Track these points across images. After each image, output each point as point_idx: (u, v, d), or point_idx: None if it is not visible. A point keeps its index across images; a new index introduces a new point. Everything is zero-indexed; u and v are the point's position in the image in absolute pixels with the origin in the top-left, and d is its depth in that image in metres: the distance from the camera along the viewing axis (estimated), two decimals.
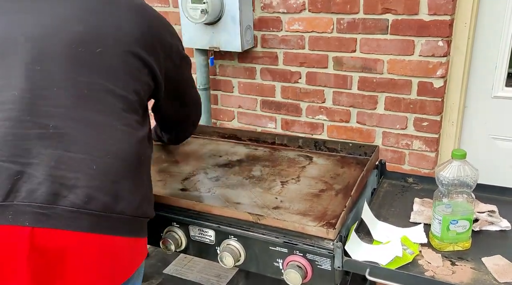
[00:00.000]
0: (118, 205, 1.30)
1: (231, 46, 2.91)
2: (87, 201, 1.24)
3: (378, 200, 1.75)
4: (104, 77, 1.36)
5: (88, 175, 1.26)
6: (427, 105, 2.63)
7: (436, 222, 1.45)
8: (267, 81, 3.07)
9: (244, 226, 1.53)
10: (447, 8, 2.42)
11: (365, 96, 2.79)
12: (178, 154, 2.12)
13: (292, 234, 1.47)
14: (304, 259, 1.43)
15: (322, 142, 2.06)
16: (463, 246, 1.45)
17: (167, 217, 1.63)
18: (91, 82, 1.34)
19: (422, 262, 1.41)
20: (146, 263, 2.36)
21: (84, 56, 1.34)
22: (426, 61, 2.56)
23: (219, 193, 1.76)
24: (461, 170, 1.38)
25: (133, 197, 1.34)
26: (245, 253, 1.53)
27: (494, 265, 1.36)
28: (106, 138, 1.33)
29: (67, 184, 1.24)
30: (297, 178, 1.85)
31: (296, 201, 1.68)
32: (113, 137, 1.34)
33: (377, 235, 1.53)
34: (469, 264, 1.39)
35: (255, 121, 3.22)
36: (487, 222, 1.55)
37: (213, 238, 1.58)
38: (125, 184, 1.33)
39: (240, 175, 1.89)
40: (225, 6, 2.81)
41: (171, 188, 1.82)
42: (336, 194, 1.72)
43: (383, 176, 1.91)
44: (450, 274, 1.35)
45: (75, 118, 1.31)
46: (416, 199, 1.71)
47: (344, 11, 2.68)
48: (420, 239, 1.50)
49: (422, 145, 2.72)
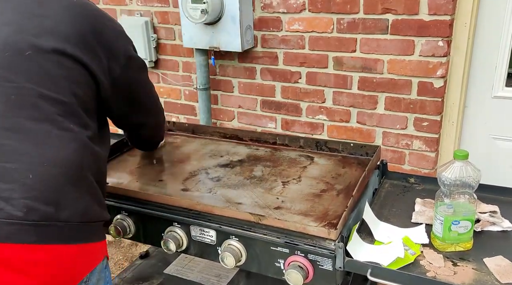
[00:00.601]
0: (61, 213, 1.25)
1: (231, 46, 2.91)
2: (27, 212, 1.20)
3: (380, 200, 1.75)
4: (35, 81, 1.29)
5: (25, 185, 1.22)
6: (427, 105, 2.63)
7: (437, 222, 1.45)
8: (267, 81, 3.07)
9: (246, 226, 1.53)
10: (447, 8, 2.42)
11: (365, 96, 2.79)
12: (179, 154, 2.12)
13: (293, 234, 1.47)
14: (305, 260, 1.43)
15: (324, 142, 2.06)
16: (464, 246, 1.45)
17: (168, 217, 1.63)
18: (20, 86, 1.27)
19: (423, 262, 1.41)
20: (147, 263, 2.37)
21: (12, 60, 1.29)
22: (426, 61, 2.56)
23: (220, 193, 1.76)
24: (463, 170, 1.38)
25: (78, 203, 1.30)
26: (246, 253, 1.53)
27: (495, 266, 1.36)
28: (41, 145, 1.27)
29: (2, 196, 1.20)
30: (299, 178, 1.85)
31: (297, 201, 1.68)
32: (49, 144, 1.28)
33: (379, 236, 1.53)
34: (470, 264, 1.39)
35: (255, 121, 3.22)
36: (488, 223, 1.55)
37: (214, 238, 1.57)
38: (68, 191, 1.27)
39: (241, 175, 1.89)
40: (225, 6, 2.81)
41: (172, 188, 1.82)
42: (337, 194, 1.72)
43: (385, 176, 1.91)
44: (452, 275, 1.35)
45: (6, 127, 1.25)
46: (417, 200, 1.71)
47: (344, 11, 2.68)
48: (421, 240, 1.50)
49: (422, 145, 2.73)
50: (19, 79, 1.28)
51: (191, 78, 3.35)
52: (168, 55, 3.39)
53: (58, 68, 1.32)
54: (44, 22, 1.33)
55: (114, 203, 1.72)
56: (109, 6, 3.45)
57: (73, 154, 1.30)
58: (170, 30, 3.30)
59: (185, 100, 3.46)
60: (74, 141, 1.32)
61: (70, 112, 1.33)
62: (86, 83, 1.40)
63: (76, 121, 1.35)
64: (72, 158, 1.30)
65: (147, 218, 1.67)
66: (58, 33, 1.33)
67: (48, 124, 1.28)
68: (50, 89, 1.30)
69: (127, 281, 2.25)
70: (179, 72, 3.40)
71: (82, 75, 1.38)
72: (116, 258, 3.25)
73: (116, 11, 3.45)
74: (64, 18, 1.36)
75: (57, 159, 1.27)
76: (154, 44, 3.35)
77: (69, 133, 1.31)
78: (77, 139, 1.33)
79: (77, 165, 1.31)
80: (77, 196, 1.30)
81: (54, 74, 1.31)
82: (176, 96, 3.49)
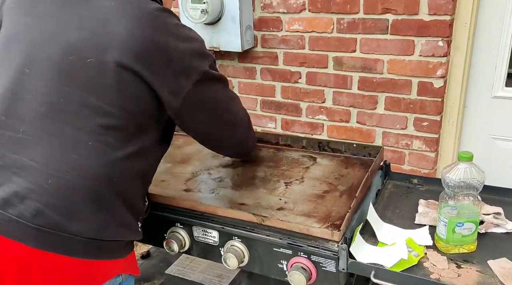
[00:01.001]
0: (72, 225, 1.24)
1: (231, 46, 2.91)
2: (35, 215, 1.21)
3: (383, 201, 1.75)
4: (88, 89, 1.28)
5: (43, 189, 1.22)
6: (427, 105, 2.64)
7: (441, 224, 1.44)
8: (267, 81, 3.07)
9: (248, 227, 1.52)
10: (447, 8, 2.43)
11: (365, 96, 2.79)
12: (182, 155, 2.12)
13: (296, 235, 1.47)
14: (308, 261, 1.43)
15: (326, 143, 2.05)
16: (468, 248, 1.44)
17: (170, 217, 1.63)
18: (71, 92, 1.28)
19: (427, 264, 1.40)
20: (148, 263, 2.36)
21: (73, 65, 1.29)
22: (426, 61, 2.56)
23: (223, 194, 1.76)
24: (468, 172, 1.38)
25: (93, 220, 1.28)
26: (249, 254, 1.53)
27: (500, 268, 1.36)
28: (71, 154, 1.26)
29: (20, 193, 1.22)
30: (301, 179, 1.85)
31: (300, 202, 1.67)
32: (79, 153, 1.26)
33: (382, 237, 1.53)
34: (474, 267, 1.39)
35: (255, 121, 3.21)
36: (492, 224, 1.54)
37: (217, 239, 1.57)
38: (85, 205, 1.26)
39: (244, 176, 1.89)
40: (225, 6, 2.81)
41: (174, 188, 1.82)
42: (340, 195, 1.71)
43: (388, 177, 1.90)
44: (456, 277, 1.34)
45: (45, 127, 1.27)
46: (421, 201, 1.71)
47: (344, 11, 2.68)
48: (425, 241, 1.50)
49: (422, 145, 2.73)
50: (73, 84, 1.28)
51: None
52: None
53: (115, 80, 1.29)
54: (113, 31, 1.30)
55: None
56: None
57: (101, 169, 1.28)
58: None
59: None
60: (107, 155, 1.29)
61: (114, 125, 1.30)
62: (144, 99, 1.35)
63: (118, 136, 1.32)
64: (98, 172, 1.28)
65: (149, 219, 1.66)
66: (125, 45, 1.29)
67: (86, 133, 1.27)
68: (101, 99, 1.28)
69: None
70: None
71: (140, 91, 1.33)
72: None
73: None
74: (134, 29, 1.31)
75: (82, 170, 1.26)
76: None
77: (105, 147, 1.29)
78: (112, 154, 1.30)
79: (101, 181, 1.28)
80: (95, 211, 1.28)
81: (109, 85, 1.29)
82: None
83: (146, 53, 1.31)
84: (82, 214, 1.26)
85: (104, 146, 1.29)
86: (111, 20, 1.31)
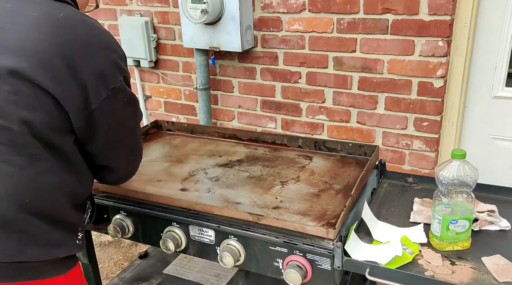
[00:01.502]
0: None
1: (231, 46, 2.91)
2: None
3: (378, 200, 1.76)
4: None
5: None
6: (427, 105, 2.63)
7: (436, 221, 1.45)
8: (267, 81, 3.07)
9: (244, 226, 1.53)
10: (447, 8, 2.42)
11: (365, 96, 2.79)
12: (178, 154, 2.12)
13: (292, 234, 1.47)
14: (304, 259, 1.43)
15: (322, 142, 2.06)
16: (462, 245, 1.45)
17: (167, 217, 1.63)
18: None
19: (422, 261, 1.41)
20: (146, 263, 2.37)
21: None
22: (426, 61, 2.56)
23: (219, 193, 1.76)
24: (461, 170, 1.38)
25: (5, 245, 1.21)
26: (245, 253, 1.53)
27: (493, 265, 1.36)
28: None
29: None
30: (297, 178, 1.85)
31: (296, 201, 1.68)
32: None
33: (377, 235, 1.53)
34: (468, 263, 1.39)
35: (255, 121, 3.22)
36: (486, 222, 1.55)
37: (213, 238, 1.57)
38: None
39: (240, 175, 1.89)
40: (225, 6, 2.82)
41: (171, 188, 1.82)
42: (336, 194, 1.72)
43: (383, 176, 1.91)
44: (450, 274, 1.35)
45: None
46: (416, 199, 1.71)
47: (344, 11, 2.68)
48: (420, 239, 1.50)
49: (422, 145, 2.72)
50: None
51: (191, 78, 3.36)
52: (168, 55, 3.39)
53: (9, 91, 1.16)
54: (7, 36, 1.18)
55: (113, 203, 1.72)
56: (109, 6, 3.46)
57: (7, 192, 1.19)
58: (170, 30, 3.30)
59: (185, 100, 3.46)
60: (12, 176, 1.20)
61: (18, 142, 1.19)
62: (46, 110, 1.20)
63: (25, 153, 1.20)
64: (3, 196, 1.19)
65: (146, 218, 1.68)
66: (21, 51, 1.16)
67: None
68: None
69: (127, 281, 2.25)
70: (179, 72, 3.40)
71: (40, 102, 1.19)
72: (116, 258, 3.25)
73: (116, 11, 3.45)
74: (37, 36, 1.18)
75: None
76: (154, 44, 3.35)
77: (9, 167, 1.19)
78: (19, 174, 1.20)
79: (8, 205, 1.19)
80: (4, 236, 1.21)
81: (6, 99, 1.16)
82: (176, 96, 3.49)
83: (47, 62, 1.18)
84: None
85: (8, 166, 1.19)
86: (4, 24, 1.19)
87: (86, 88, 1.23)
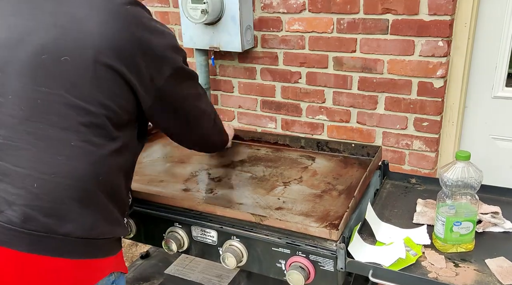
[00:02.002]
0: (62, 226, 1.23)
1: (231, 46, 2.91)
2: (25, 220, 1.19)
3: (381, 201, 1.76)
4: (65, 87, 1.24)
5: (30, 193, 1.21)
6: (427, 105, 2.63)
7: (439, 223, 1.45)
8: (267, 81, 3.07)
9: (247, 227, 1.53)
10: (447, 8, 2.42)
11: (365, 96, 2.79)
12: (181, 155, 2.12)
13: (294, 235, 1.47)
14: (306, 260, 1.43)
15: (325, 143, 2.06)
16: (466, 247, 1.45)
17: (169, 217, 1.63)
18: (49, 92, 1.24)
19: (425, 263, 1.41)
20: (148, 263, 2.37)
21: (47, 64, 1.24)
22: (426, 61, 2.56)
23: (221, 194, 1.76)
24: (465, 171, 1.38)
25: (84, 219, 1.27)
26: (247, 254, 1.53)
27: (497, 267, 1.36)
28: (57, 155, 1.23)
29: (7, 199, 1.21)
30: (300, 178, 1.85)
31: (298, 202, 1.68)
32: (65, 154, 1.24)
33: (380, 236, 1.53)
34: (472, 265, 1.39)
35: (255, 121, 3.22)
36: (490, 224, 1.55)
37: (215, 239, 1.57)
38: (73, 205, 1.24)
39: (243, 176, 1.89)
40: (225, 6, 2.81)
41: (173, 188, 1.82)
42: (339, 195, 1.72)
43: (386, 176, 1.91)
44: (454, 276, 1.35)
45: (27, 130, 1.23)
46: (419, 200, 1.71)
47: (344, 11, 2.67)
48: (423, 241, 1.50)
49: (422, 145, 2.73)
50: (50, 84, 1.24)
51: None
52: None
53: (92, 77, 1.26)
54: (86, 27, 1.27)
55: None
56: None
57: (87, 168, 1.27)
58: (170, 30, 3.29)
59: None
60: (92, 154, 1.28)
61: (96, 123, 1.28)
62: (122, 95, 1.33)
63: (102, 133, 1.30)
64: (85, 172, 1.26)
65: (148, 218, 1.67)
66: (99, 41, 1.26)
67: (70, 133, 1.25)
68: (80, 97, 1.25)
69: (128, 281, 2.25)
70: None
71: (119, 88, 1.31)
72: None
73: None
74: (107, 24, 1.28)
75: (69, 171, 1.24)
76: None
77: (89, 146, 1.27)
78: (97, 153, 1.28)
79: (88, 180, 1.27)
80: (84, 211, 1.27)
81: (87, 82, 1.26)
82: None
83: (121, 48, 1.28)
84: (72, 215, 1.25)
85: (89, 145, 1.27)
86: (82, 16, 1.27)
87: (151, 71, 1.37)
